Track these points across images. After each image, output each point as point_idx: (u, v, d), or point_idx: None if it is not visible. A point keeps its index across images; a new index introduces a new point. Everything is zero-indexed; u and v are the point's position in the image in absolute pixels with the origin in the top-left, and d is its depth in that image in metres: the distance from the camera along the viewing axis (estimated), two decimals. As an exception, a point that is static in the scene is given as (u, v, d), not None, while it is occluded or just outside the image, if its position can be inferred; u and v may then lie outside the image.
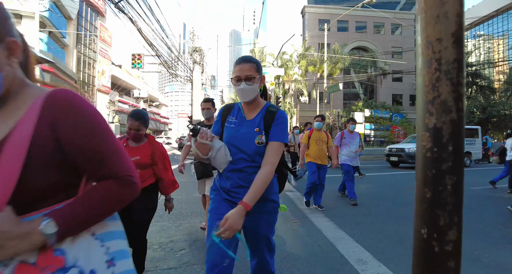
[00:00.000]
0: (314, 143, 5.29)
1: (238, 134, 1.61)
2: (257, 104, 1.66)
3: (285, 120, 1.61)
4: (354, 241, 3.57)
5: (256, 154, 1.58)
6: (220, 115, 1.75)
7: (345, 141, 5.95)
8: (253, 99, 1.62)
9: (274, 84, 18.18)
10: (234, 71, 1.60)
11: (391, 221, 4.49)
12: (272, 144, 1.56)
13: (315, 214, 4.86)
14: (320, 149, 5.28)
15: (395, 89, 39.60)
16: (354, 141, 5.96)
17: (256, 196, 1.44)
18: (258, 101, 1.67)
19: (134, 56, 22.03)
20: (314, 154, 5.29)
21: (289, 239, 3.64)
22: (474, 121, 26.05)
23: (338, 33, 39.39)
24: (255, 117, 1.64)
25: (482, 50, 47.57)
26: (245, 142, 1.58)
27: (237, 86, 1.58)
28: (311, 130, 5.46)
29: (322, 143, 5.31)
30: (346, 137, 5.98)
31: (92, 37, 35.73)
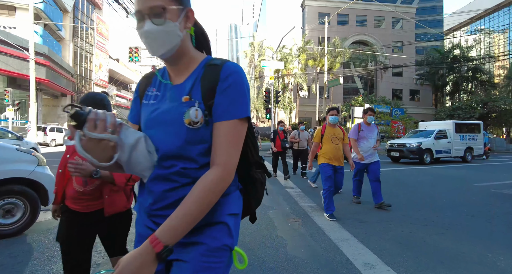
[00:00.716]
0: (329, 141, 4.49)
1: (157, 115, 0.93)
2: (188, 61, 0.95)
3: (241, 80, 0.90)
4: (359, 242, 3.36)
5: (189, 144, 0.88)
6: (137, 89, 1.07)
7: (362, 134, 5.10)
8: (172, 51, 0.90)
9: (274, 78, 17.86)
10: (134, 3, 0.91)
11: (396, 220, 4.28)
12: (220, 126, 0.88)
13: (317, 212, 4.66)
14: (336, 148, 4.49)
15: (395, 83, 39.32)
16: (373, 135, 5.16)
17: (181, 225, 0.79)
18: (190, 55, 0.96)
19: (131, 49, 21.63)
20: (329, 153, 4.47)
21: (290, 240, 3.43)
22: (474, 117, 25.86)
23: (338, 26, 38.94)
24: (185, 80, 0.95)
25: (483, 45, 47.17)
26: (168, 125, 0.90)
27: (140, 29, 0.87)
28: (324, 127, 4.66)
29: (338, 141, 4.52)
30: (364, 129, 5.15)
31: (89, 31, 35.18)
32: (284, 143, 8.02)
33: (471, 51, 36.29)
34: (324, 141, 4.57)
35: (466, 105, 27.48)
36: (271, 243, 3.30)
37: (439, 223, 4.17)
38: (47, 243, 3.24)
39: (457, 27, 58.05)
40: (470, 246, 3.32)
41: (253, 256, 2.92)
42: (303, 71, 31.85)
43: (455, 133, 13.84)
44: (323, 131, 4.62)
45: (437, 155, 13.14)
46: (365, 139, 5.12)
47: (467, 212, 4.85)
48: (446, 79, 36.79)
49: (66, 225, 1.71)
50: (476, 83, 35.42)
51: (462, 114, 26.37)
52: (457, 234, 3.72)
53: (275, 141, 8.18)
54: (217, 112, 0.88)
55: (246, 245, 3.21)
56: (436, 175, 9.40)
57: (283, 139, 8.06)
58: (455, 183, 7.84)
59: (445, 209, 4.98)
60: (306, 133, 8.52)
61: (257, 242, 3.31)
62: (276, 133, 8.29)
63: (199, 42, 1.05)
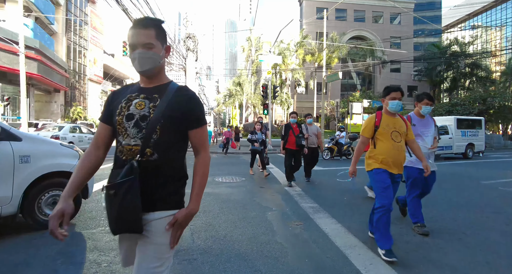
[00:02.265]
0: (387, 137, 3.01)
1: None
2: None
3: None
4: (368, 249, 3.01)
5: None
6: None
7: (415, 131, 3.54)
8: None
9: (271, 73, 17.45)
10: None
11: (407, 222, 3.93)
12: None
13: (320, 214, 4.29)
14: (398, 147, 3.00)
15: (393, 79, 39.02)
16: (429, 131, 3.71)
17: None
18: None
19: (125, 43, 21.10)
20: (387, 155, 2.99)
21: (291, 247, 3.06)
22: (474, 113, 25.64)
23: (336, 22, 38.50)
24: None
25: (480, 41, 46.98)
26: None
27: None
28: (379, 115, 3.13)
29: (401, 137, 3.04)
30: (417, 123, 3.65)
31: (82, 25, 34.42)
32: (300, 139, 6.35)
33: (469, 46, 36.03)
34: (378, 136, 3.07)
35: (465, 101, 27.24)
36: (270, 251, 2.93)
37: (456, 226, 3.83)
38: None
39: (455, 23, 57.78)
40: (493, 254, 2.97)
41: (250, 268, 2.55)
42: (301, 66, 31.42)
43: (456, 129, 13.54)
44: (378, 122, 3.07)
45: (438, 151, 12.83)
46: (418, 137, 3.58)
47: (482, 212, 4.52)
48: (444, 75, 36.54)
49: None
50: (475, 79, 35.19)
51: (461, 110, 26.10)
52: (476, 239, 3.37)
53: (287, 137, 6.48)
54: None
55: (241, 255, 2.83)
56: (439, 173, 9.00)
57: (298, 135, 6.40)
58: (461, 181, 7.53)
59: (458, 210, 4.64)
60: (315, 127, 7.24)
61: (254, 251, 2.94)
62: (289, 127, 6.53)
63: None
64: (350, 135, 14.11)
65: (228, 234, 3.43)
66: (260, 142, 7.82)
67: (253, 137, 7.85)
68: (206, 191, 5.71)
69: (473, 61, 33.79)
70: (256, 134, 7.87)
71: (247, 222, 3.86)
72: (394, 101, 3.04)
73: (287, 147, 6.48)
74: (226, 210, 4.44)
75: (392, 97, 3.05)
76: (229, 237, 3.32)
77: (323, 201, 5.06)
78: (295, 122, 6.64)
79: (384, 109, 3.17)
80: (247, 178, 7.37)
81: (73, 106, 30.37)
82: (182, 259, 2.75)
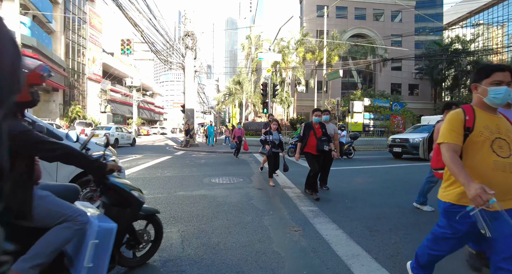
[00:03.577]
0: (488, 150, 1.77)
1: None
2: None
3: None
4: (372, 259, 2.77)
5: None
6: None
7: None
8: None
9: (270, 71, 17.19)
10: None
11: (413, 227, 3.70)
12: None
13: (320, 218, 4.05)
14: (505, 167, 1.73)
15: (394, 78, 38.78)
16: None
17: None
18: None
19: (123, 41, 20.91)
20: (484, 178, 1.73)
21: (289, 257, 2.82)
22: (476, 111, 25.37)
23: (337, 20, 38.23)
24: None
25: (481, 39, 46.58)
26: None
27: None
28: (469, 110, 1.88)
29: (510, 149, 1.76)
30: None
31: (81, 23, 34.14)
32: (323, 143, 5.23)
33: (471, 44, 35.70)
34: (471, 146, 1.82)
35: (467, 100, 26.98)
36: (266, 262, 2.69)
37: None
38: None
39: (456, 21, 57.37)
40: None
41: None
42: (301, 65, 31.15)
43: (459, 128, 13.27)
44: (471, 122, 1.84)
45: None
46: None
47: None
48: (445, 73, 36.23)
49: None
50: (477, 77, 34.87)
51: (463, 108, 25.89)
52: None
53: (306, 140, 5.37)
54: None
55: (234, 266, 2.60)
56: (443, 172, 8.83)
57: (321, 137, 5.29)
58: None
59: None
60: (332, 126, 6.06)
61: (248, 261, 2.70)
62: (310, 128, 5.42)
63: None
64: (351, 134, 13.89)
65: (221, 241, 3.19)
66: (278, 144, 6.52)
67: (267, 138, 6.48)
68: (201, 193, 5.50)
69: (475, 59, 33.47)
70: (271, 135, 6.53)
71: (242, 228, 3.63)
72: (500, 87, 1.78)
73: (306, 151, 5.37)
74: (221, 214, 4.21)
75: (496, 82, 1.79)
76: (222, 245, 3.08)
77: (323, 204, 4.83)
78: (318, 122, 5.48)
79: (477, 101, 1.91)
80: (244, 179, 7.13)
81: (72, 106, 30.15)
82: (169, 271, 2.52)
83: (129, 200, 2.26)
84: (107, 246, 2.00)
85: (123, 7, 10.20)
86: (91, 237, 1.92)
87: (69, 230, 1.80)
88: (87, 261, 1.88)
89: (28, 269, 1.62)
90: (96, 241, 1.93)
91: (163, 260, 2.71)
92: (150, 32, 13.98)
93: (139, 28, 12.40)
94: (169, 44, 18.51)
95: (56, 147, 1.75)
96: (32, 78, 1.72)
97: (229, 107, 48.76)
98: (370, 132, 25.86)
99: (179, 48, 19.81)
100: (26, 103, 1.77)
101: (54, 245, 1.74)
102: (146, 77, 65.18)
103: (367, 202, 4.94)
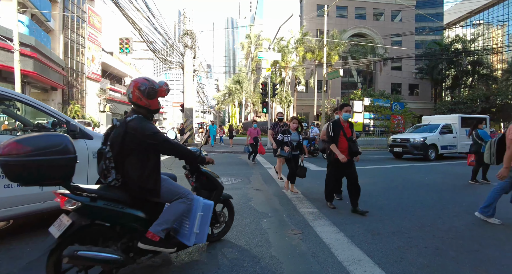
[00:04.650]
0: None
1: None
2: None
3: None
4: (375, 265, 2.64)
5: None
6: None
7: None
8: None
9: (270, 70, 17.04)
10: None
11: (416, 230, 3.57)
12: None
13: (320, 220, 3.93)
14: None
15: (394, 77, 38.63)
16: None
17: None
18: None
19: (122, 40, 20.71)
20: None
21: (287, 263, 2.69)
22: (476, 111, 25.25)
23: (337, 19, 38.07)
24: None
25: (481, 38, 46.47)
26: None
27: None
28: None
29: None
30: None
31: (80, 22, 33.97)
32: (356, 145, 4.53)
33: (472, 44, 35.55)
34: None
35: (468, 100, 26.85)
36: (264, 268, 2.56)
37: (469, 235, 3.47)
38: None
39: (457, 20, 57.24)
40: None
41: (239, 290, 2.19)
42: (301, 64, 31.01)
43: (460, 128, 13.15)
44: None
45: (442, 151, 12.47)
46: None
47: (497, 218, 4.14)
48: (445, 73, 36.08)
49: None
50: (477, 77, 34.73)
51: (464, 108, 25.74)
52: (495, 250, 3.01)
53: (337, 141, 4.45)
54: None
55: (230, 272, 2.47)
56: (444, 173, 8.71)
57: (352, 137, 4.50)
58: (467, 182, 7.15)
59: (467, 215, 4.27)
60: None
61: (245, 267, 2.57)
62: (339, 127, 4.49)
63: None
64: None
65: (217, 245, 3.07)
66: (296, 145, 5.57)
67: (284, 138, 5.57)
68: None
69: (475, 58, 33.32)
70: (289, 134, 5.61)
71: (239, 231, 3.50)
72: None
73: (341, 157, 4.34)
74: (218, 216, 4.08)
75: None
76: (218, 249, 2.96)
77: (323, 205, 4.70)
78: (347, 119, 4.61)
79: None
80: (243, 180, 7.00)
81: (71, 105, 29.99)
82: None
83: (215, 185, 2.97)
84: (208, 218, 2.60)
85: (121, 5, 10.05)
86: (198, 210, 2.50)
87: (183, 204, 2.38)
88: (196, 228, 2.47)
89: (160, 231, 2.22)
90: (202, 213, 2.52)
91: (155, 265, 2.59)
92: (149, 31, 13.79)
93: (137, 26, 12.25)
94: (169, 44, 18.36)
95: (175, 144, 2.38)
96: (161, 92, 2.35)
97: (229, 106, 48.60)
98: (370, 132, 25.75)
99: (179, 47, 19.68)
100: (156, 111, 2.41)
101: (175, 215, 2.33)
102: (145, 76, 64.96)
103: (368, 203, 4.82)
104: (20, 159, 1.72)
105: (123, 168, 2.17)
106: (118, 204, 2.12)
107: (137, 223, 2.19)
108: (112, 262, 1.96)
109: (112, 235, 2.15)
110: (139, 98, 2.25)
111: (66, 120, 3.55)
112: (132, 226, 2.18)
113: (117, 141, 2.16)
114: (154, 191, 2.22)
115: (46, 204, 3.21)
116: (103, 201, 2.06)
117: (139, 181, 2.16)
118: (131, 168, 2.17)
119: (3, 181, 2.85)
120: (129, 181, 2.16)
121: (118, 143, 2.15)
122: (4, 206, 2.87)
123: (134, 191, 2.18)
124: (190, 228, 2.46)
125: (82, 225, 1.98)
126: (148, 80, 2.31)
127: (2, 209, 2.86)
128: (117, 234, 2.17)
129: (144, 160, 2.21)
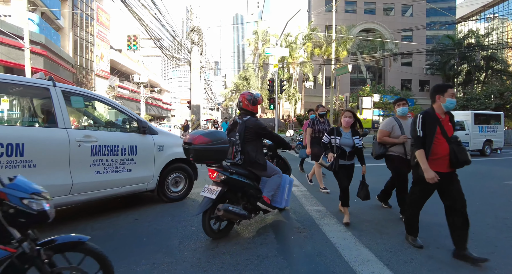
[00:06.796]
0: None
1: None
2: None
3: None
4: (384, 266, 2.54)
5: None
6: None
7: None
8: None
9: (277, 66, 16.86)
10: None
11: (426, 230, 3.43)
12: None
13: (327, 219, 3.83)
14: None
15: (404, 73, 37.92)
16: None
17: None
18: None
19: (130, 37, 20.79)
20: None
21: (293, 263, 2.60)
22: (490, 108, 24.58)
23: (346, 14, 37.48)
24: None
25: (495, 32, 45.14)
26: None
27: None
28: None
29: None
30: None
31: (89, 20, 34.27)
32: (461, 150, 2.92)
33: (486, 38, 34.57)
34: None
35: (481, 96, 26.14)
36: (268, 268, 2.48)
37: (484, 236, 3.33)
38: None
39: (470, 15, 55.77)
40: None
41: (241, 291, 2.12)
42: (309, 60, 30.68)
43: (473, 124, 12.81)
44: None
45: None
46: None
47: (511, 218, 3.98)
48: (458, 68, 35.20)
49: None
50: (490, 72, 33.78)
51: (477, 105, 25.06)
52: (510, 252, 2.87)
53: (430, 144, 2.84)
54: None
55: (234, 271, 2.40)
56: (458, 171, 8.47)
57: (455, 137, 2.95)
58: (481, 181, 6.94)
59: (482, 215, 4.11)
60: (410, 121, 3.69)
61: (248, 267, 2.50)
62: (435, 122, 2.80)
63: None
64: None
65: (220, 243, 3.00)
66: (349, 153, 3.82)
67: (332, 141, 3.79)
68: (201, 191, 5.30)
69: (489, 53, 32.39)
70: (339, 135, 3.78)
71: (244, 229, 3.43)
72: None
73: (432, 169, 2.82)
74: (223, 213, 4.02)
75: None
76: (221, 247, 2.89)
77: (330, 203, 4.59)
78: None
79: None
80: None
81: (80, 102, 30.38)
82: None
83: (288, 166, 4.02)
84: (290, 189, 3.58)
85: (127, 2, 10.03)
86: (287, 183, 3.47)
87: (279, 178, 3.35)
88: (286, 194, 3.45)
89: (270, 196, 3.23)
90: (288, 185, 3.49)
91: (157, 262, 2.54)
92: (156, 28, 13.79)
93: (143, 23, 12.22)
94: (176, 41, 18.33)
95: (277, 135, 3.51)
96: (259, 101, 3.35)
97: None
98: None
99: (186, 44, 19.63)
100: (256, 113, 3.38)
101: (275, 185, 3.30)
102: (154, 73, 65.31)
103: (376, 201, 4.69)
104: (206, 146, 2.75)
105: (244, 151, 3.14)
106: (243, 177, 3.09)
107: (253, 190, 3.15)
108: (243, 216, 2.99)
109: (235, 199, 3.15)
110: (248, 106, 3.29)
111: (137, 118, 4.25)
112: (250, 192, 3.14)
113: (241, 133, 3.17)
114: (263, 166, 3.21)
115: (124, 189, 3.91)
116: (237, 175, 3.04)
117: (256, 158, 3.14)
118: (250, 149, 3.15)
119: (94, 169, 3.57)
120: (249, 159, 3.13)
121: (241, 134, 3.16)
122: (95, 188, 3.60)
123: (251, 166, 3.16)
124: (281, 196, 3.39)
125: (225, 190, 2.96)
126: (251, 93, 3.34)
127: (94, 191, 3.59)
128: (238, 198, 3.16)
129: (258, 145, 3.26)
